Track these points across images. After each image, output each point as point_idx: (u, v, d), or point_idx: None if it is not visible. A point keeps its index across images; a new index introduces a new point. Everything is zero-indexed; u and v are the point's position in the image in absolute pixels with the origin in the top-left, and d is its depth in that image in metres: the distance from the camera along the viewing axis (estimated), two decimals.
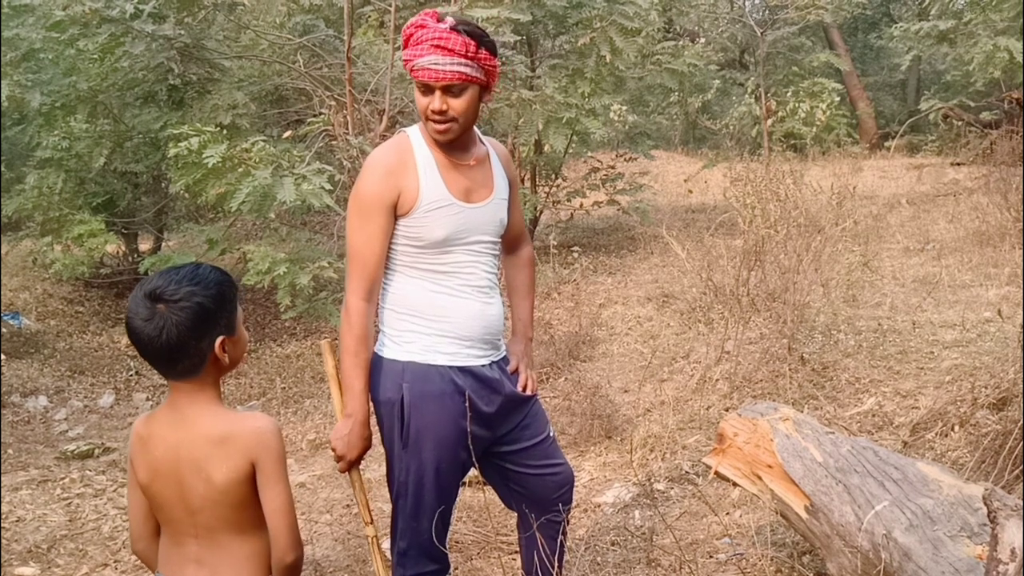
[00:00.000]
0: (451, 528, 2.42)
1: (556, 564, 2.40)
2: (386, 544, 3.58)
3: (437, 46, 2.12)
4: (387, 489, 2.38)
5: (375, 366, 2.25)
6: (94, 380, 6.12)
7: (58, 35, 6.15)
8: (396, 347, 2.24)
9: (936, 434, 3.62)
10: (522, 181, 8.21)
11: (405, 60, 2.18)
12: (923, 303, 5.48)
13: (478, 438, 2.28)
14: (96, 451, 4.78)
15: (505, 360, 2.40)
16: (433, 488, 2.25)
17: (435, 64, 2.12)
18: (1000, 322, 4.67)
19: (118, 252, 8.17)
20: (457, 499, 2.39)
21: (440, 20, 2.15)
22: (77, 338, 6.86)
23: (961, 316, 5.07)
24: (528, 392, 2.41)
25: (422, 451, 2.22)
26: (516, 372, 2.41)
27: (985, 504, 1.70)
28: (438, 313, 2.23)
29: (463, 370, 2.25)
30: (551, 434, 2.49)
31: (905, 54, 14.64)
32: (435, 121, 2.17)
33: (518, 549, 2.66)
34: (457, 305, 2.24)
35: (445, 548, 2.32)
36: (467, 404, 2.22)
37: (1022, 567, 1.57)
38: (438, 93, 2.14)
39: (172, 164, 5.67)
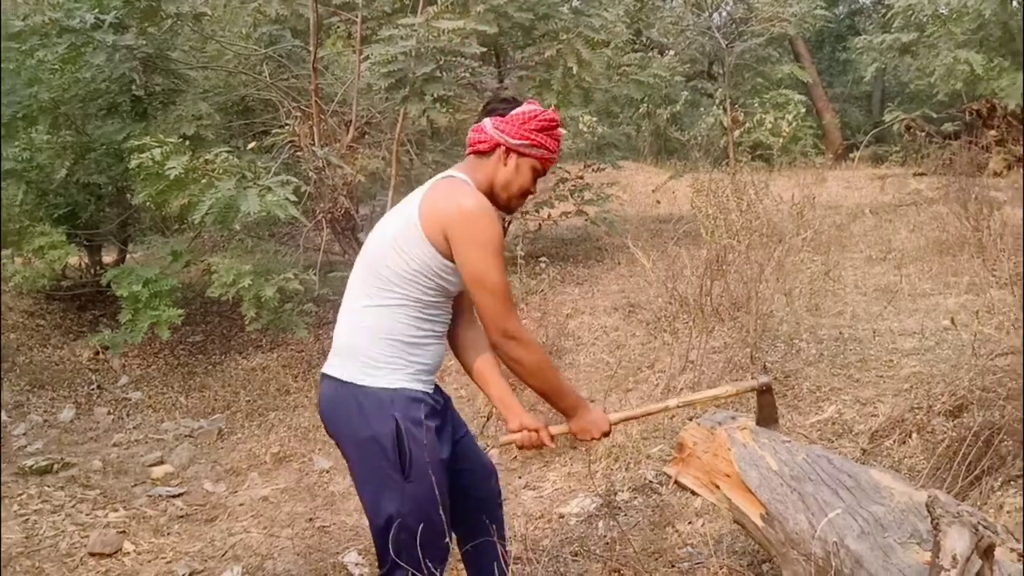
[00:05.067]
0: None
1: (507, 567, 2.43)
2: (349, 558, 3.57)
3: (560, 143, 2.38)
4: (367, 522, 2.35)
5: (352, 401, 2.22)
6: (54, 394, 6.04)
7: (18, 45, 6.09)
8: (383, 375, 2.21)
9: (894, 441, 3.67)
10: None
11: (543, 145, 2.32)
12: (884, 312, 5.54)
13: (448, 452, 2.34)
14: (55, 466, 4.71)
15: None
16: (438, 513, 2.22)
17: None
18: (957, 330, 4.74)
19: (80, 264, 8.08)
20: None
21: None
22: (38, 351, 6.76)
23: (920, 324, 5.14)
24: None
25: (425, 478, 2.19)
26: None
27: (928, 511, 1.72)
28: (424, 350, 2.28)
29: (431, 394, 2.32)
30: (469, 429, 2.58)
31: (869, 66, 14.88)
32: (523, 199, 2.39)
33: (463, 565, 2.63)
34: (436, 346, 2.33)
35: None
36: (438, 423, 2.29)
37: (963, 573, 1.59)
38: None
39: (135, 175, 5.62)
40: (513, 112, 2.32)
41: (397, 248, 2.22)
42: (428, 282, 2.22)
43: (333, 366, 2.29)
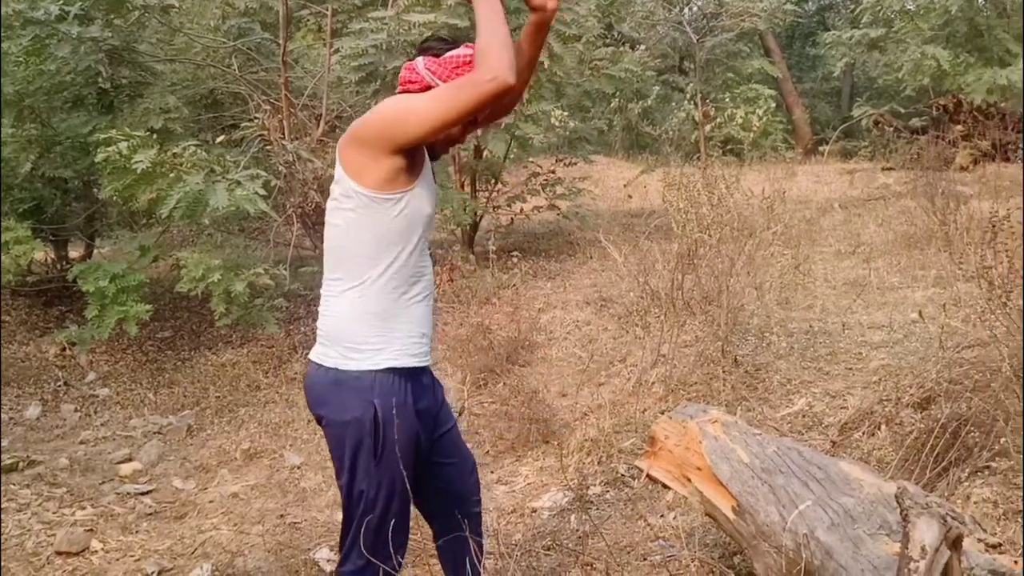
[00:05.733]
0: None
1: (480, 562, 2.42)
2: (320, 554, 3.54)
3: None
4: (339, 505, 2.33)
5: (334, 385, 2.18)
6: (20, 391, 5.94)
7: None
8: (365, 357, 2.16)
9: (863, 433, 3.70)
10: (462, 186, 8.20)
11: None
12: (853, 305, 5.59)
13: (427, 438, 2.31)
14: (21, 464, 4.63)
15: None
16: (401, 498, 2.21)
17: None
18: (924, 323, 4.79)
19: (46, 260, 7.95)
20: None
21: None
22: (3, 348, 6.64)
23: (889, 317, 5.19)
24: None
25: (395, 463, 2.16)
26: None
27: (897, 502, 1.73)
28: (407, 320, 2.20)
29: (423, 370, 2.27)
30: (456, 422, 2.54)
31: (838, 61, 15.04)
32: (448, 146, 2.32)
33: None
34: (421, 310, 2.24)
35: (400, 563, 2.28)
36: (423, 406, 2.26)
37: (932, 564, 1.60)
38: None
39: (101, 169, 5.54)
40: (448, 54, 2.18)
41: (347, 224, 2.15)
42: (393, 236, 2.14)
43: (317, 353, 2.24)
